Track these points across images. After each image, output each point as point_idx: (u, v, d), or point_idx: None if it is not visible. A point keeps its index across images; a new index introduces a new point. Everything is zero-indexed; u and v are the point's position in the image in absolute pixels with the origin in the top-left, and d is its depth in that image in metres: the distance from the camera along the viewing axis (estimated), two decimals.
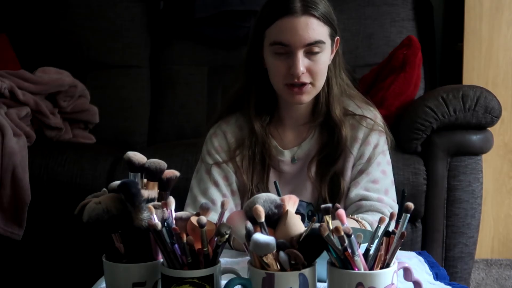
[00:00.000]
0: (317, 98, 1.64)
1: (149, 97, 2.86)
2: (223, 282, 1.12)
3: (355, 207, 1.59)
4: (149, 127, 2.82)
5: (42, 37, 2.92)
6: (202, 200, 1.60)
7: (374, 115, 1.67)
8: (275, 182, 1.27)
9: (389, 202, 1.61)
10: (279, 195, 1.19)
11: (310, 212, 1.65)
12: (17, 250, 2.40)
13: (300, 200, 1.46)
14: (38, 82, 2.55)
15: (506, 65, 2.72)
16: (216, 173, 1.64)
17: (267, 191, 1.61)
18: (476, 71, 2.72)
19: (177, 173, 1.24)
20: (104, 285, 1.22)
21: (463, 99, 2.19)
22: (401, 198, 1.12)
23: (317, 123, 1.66)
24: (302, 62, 1.54)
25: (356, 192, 1.60)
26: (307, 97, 1.59)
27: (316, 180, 1.64)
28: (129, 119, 2.80)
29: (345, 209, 1.60)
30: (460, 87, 2.27)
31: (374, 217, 1.54)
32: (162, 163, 1.21)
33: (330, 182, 1.63)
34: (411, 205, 1.09)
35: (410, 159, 2.23)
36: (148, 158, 1.21)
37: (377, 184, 1.61)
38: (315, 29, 1.54)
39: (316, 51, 1.55)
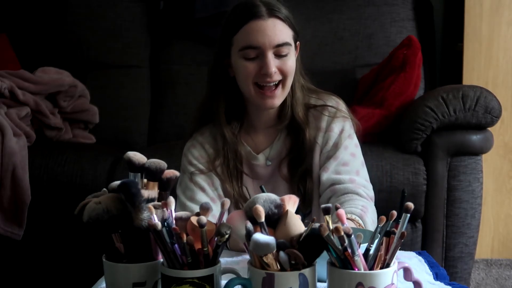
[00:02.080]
0: (283, 102, 1.67)
1: (149, 97, 2.86)
2: (223, 282, 1.12)
3: (330, 193, 1.62)
4: (149, 127, 2.82)
5: (42, 37, 2.92)
6: (191, 205, 1.61)
7: (336, 102, 1.71)
8: (261, 186, 1.28)
9: (362, 182, 1.64)
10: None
11: None
12: (17, 250, 2.40)
13: None
14: (38, 82, 2.55)
15: (506, 65, 2.72)
16: (201, 179, 1.66)
17: (244, 196, 1.66)
18: (476, 71, 2.72)
19: (177, 173, 1.24)
20: (104, 285, 1.22)
21: (463, 99, 2.19)
22: (401, 198, 1.12)
23: (283, 126, 1.69)
24: (273, 62, 1.58)
25: (327, 176, 1.63)
26: (278, 100, 1.63)
27: (288, 179, 1.68)
28: (129, 119, 2.80)
29: (320, 196, 1.64)
30: (460, 87, 2.27)
31: (357, 207, 1.55)
32: (162, 163, 1.21)
33: (301, 181, 1.67)
34: (411, 205, 1.09)
35: (410, 159, 2.23)
36: (148, 158, 1.21)
37: (347, 166, 1.64)
38: (282, 30, 1.59)
39: (284, 53, 1.59)
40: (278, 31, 1.58)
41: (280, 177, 1.68)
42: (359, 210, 1.54)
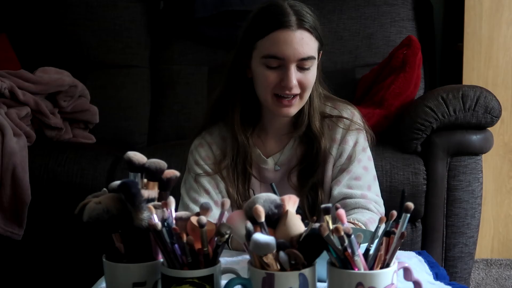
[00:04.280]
0: (300, 109, 1.65)
1: (149, 97, 2.86)
2: (223, 282, 1.12)
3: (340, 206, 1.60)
4: (149, 127, 2.82)
5: (42, 37, 2.92)
6: (194, 208, 1.61)
7: (351, 113, 1.69)
8: (271, 185, 1.28)
9: (373, 198, 1.63)
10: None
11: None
12: (17, 250, 2.40)
13: None
14: (38, 82, 2.55)
15: (506, 65, 2.72)
16: (206, 181, 1.65)
17: (249, 199, 1.63)
18: (476, 71, 2.72)
19: (177, 173, 1.24)
20: (104, 285, 1.22)
21: (463, 99, 2.19)
22: (401, 198, 1.12)
23: (298, 134, 1.67)
24: (295, 75, 1.55)
25: (338, 190, 1.62)
26: (295, 109, 1.61)
27: (297, 189, 1.66)
28: (129, 119, 2.80)
29: None
30: (460, 87, 2.27)
31: (364, 216, 1.56)
32: (162, 163, 1.21)
33: (310, 192, 1.65)
34: (411, 205, 1.09)
35: (410, 159, 2.23)
36: (148, 158, 1.21)
37: (360, 180, 1.63)
38: (309, 43, 1.56)
39: (307, 67, 1.57)
40: (305, 44, 1.55)
41: (289, 186, 1.66)
42: (365, 219, 1.54)
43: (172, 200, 1.15)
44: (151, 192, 1.19)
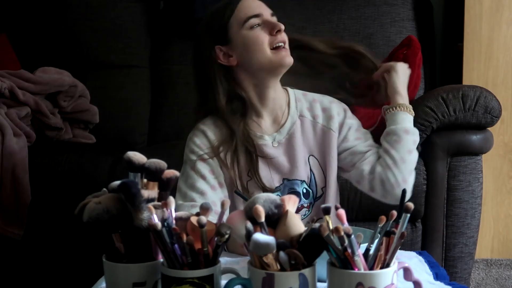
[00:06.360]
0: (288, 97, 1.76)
1: (149, 97, 2.86)
2: (223, 282, 1.12)
3: (374, 156, 1.76)
4: (149, 127, 2.82)
5: (42, 37, 2.92)
6: (192, 193, 1.61)
7: (331, 98, 1.81)
8: (235, 191, 1.29)
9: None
10: (245, 199, 1.19)
11: (304, 190, 1.70)
12: (17, 250, 2.40)
13: (294, 179, 1.65)
14: (38, 82, 2.55)
15: (506, 65, 2.72)
16: (202, 167, 1.66)
17: (259, 179, 1.67)
18: (476, 71, 2.72)
19: (177, 173, 1.24)
20: (104, 285, 1.23)
21: (463, 99, 2.19)
22: (401, 198, 1.12)
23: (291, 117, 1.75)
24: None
25: (352, 143, 1.76)
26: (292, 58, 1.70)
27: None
28: (129, 119, 2.80)
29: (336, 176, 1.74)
30: (460, 87, 2.26)
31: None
32: (162, 163, 1.21)
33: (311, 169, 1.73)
34: (411, 205, 1.09)
35: None
36: (148, 158, 1.21)
37: (362, 127, 1.82)
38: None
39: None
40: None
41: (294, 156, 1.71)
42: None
43: (172, 200, 1.15)
44: (151, 192, 1.19)
